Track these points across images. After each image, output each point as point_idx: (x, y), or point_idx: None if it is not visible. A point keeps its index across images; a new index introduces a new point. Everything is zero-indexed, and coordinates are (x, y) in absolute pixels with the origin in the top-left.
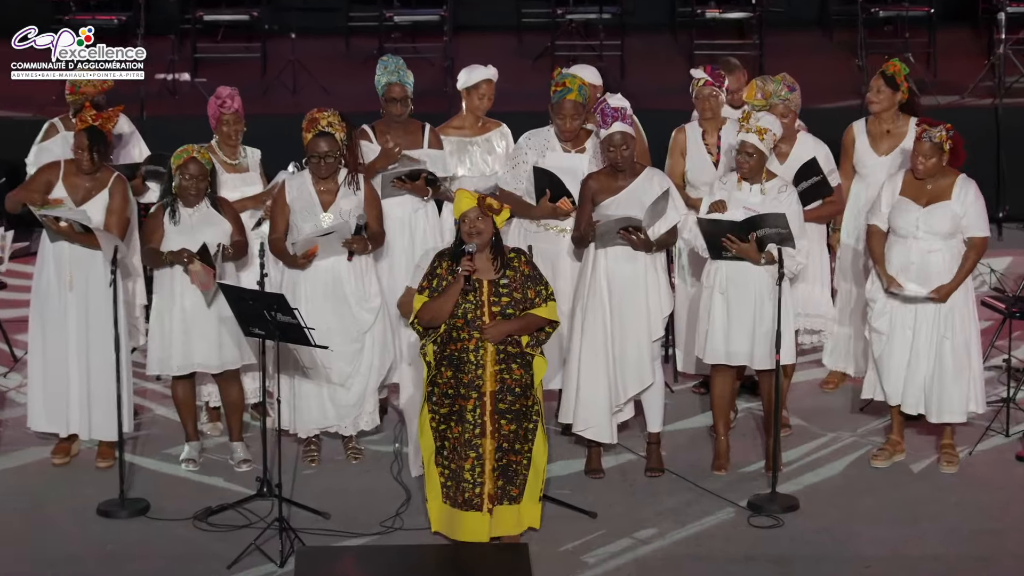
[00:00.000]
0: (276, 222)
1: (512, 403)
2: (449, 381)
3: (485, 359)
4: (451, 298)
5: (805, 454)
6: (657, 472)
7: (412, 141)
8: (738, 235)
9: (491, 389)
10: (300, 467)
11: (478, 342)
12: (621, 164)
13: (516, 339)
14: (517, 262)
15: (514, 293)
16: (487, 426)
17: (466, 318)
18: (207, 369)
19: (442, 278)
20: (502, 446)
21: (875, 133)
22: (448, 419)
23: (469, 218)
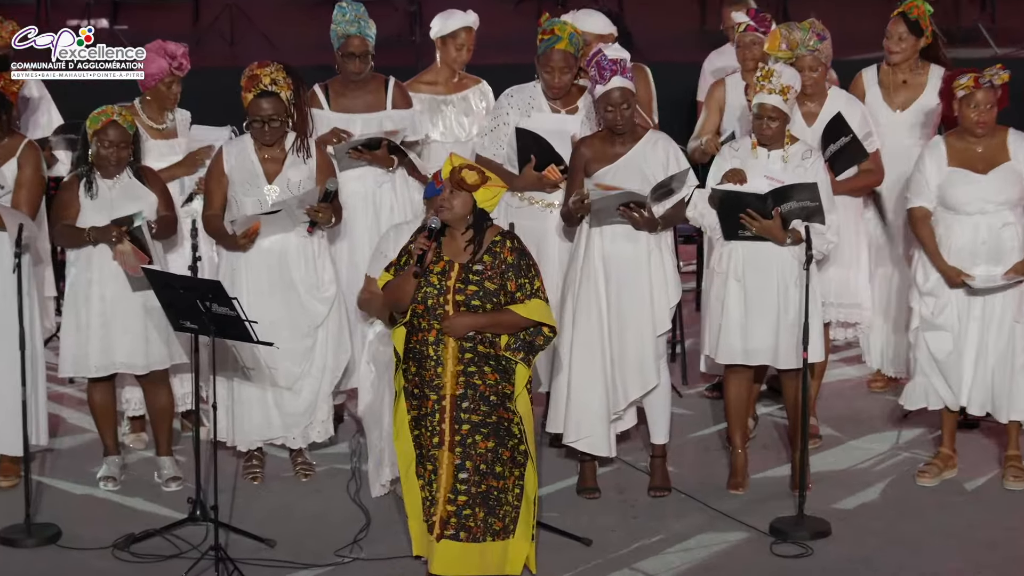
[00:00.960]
0: (211, 196)
1: (487, 414)
2: (414, 379)
3: (445, 355)
4: (406, 279)
5: (837, 470)
6: (662, 491)
7: (373, 101)
8: (759, 210)
9: (451, 392)
10: (240, 486)
11: (439, 334)
12: (620, 126)
13: (490, 338)
14: (500, 247)
15: (486, 283)
16: (445, 435)
17: (426, 304)
18: (130, 370)
19: (411, 255)
20: (479, 468)
21: (889, 84)
22: (420, 423)
23: (445, 188)
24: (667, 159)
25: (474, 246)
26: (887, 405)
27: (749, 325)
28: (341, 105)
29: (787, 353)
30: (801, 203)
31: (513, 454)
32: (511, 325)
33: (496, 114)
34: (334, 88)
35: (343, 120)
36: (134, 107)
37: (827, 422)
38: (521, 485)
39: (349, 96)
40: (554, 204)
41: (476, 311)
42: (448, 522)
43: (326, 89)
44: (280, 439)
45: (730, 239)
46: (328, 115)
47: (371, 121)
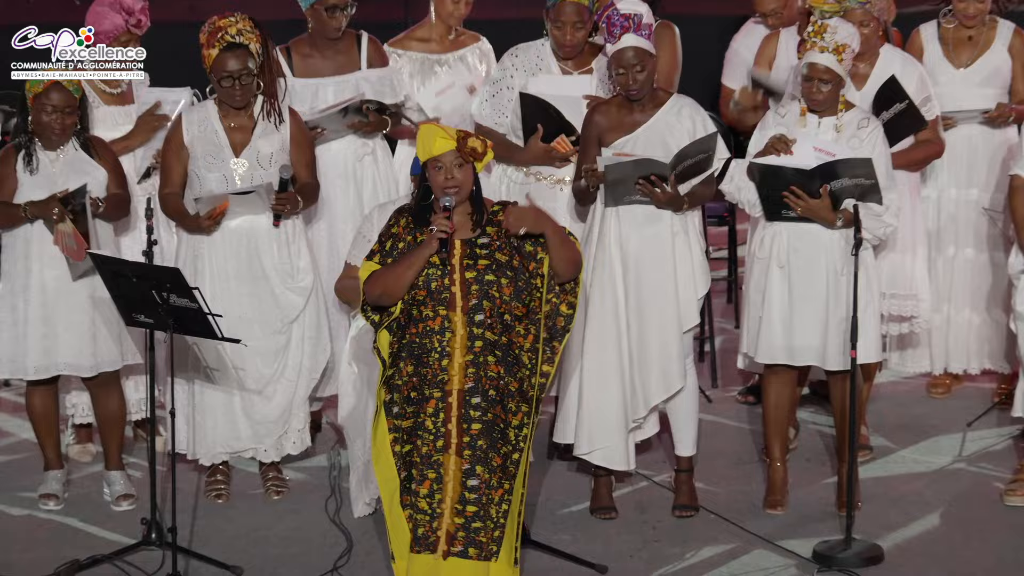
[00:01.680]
0: (169, 171)
1: (484, 410)
2: (410, 380)
3: (453, 345)
4: (414, 265)
5: (891, 486)
6: (689, 511)
7: (345, 62)
8: (807, 187)
9: (459, 387)
10: (202, 505)
11: (444, 321)
12: (635, 91)
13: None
14: (502, 215)
15: (497, 254)
16: (451, 437)
17: (430, 288)
18: (76, 372)
19: (398, 238)
20: (475, 471)
21: (951, 39)
22: (413, 435)
23: (445, 164)
24: (694, 128)
25: (475, 218)
26: (948, 411)
27: (794, 319)
28: (308, 69)
29: (837, 352)
30: (855, 180)
31: (505, 462)
32: (564, 246)
33: (498, 76)
34: (298, 50)
35: (311, 87)
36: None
37: (879, 431)
38: (509, 500)
39: (317, 57)
40: (564, 180)
41: (491, 286)
42: (456, 537)
43: (288, 53)
44: (249, 451)
45: (772, 220)
46: (292, 82)
47: (345, 85)
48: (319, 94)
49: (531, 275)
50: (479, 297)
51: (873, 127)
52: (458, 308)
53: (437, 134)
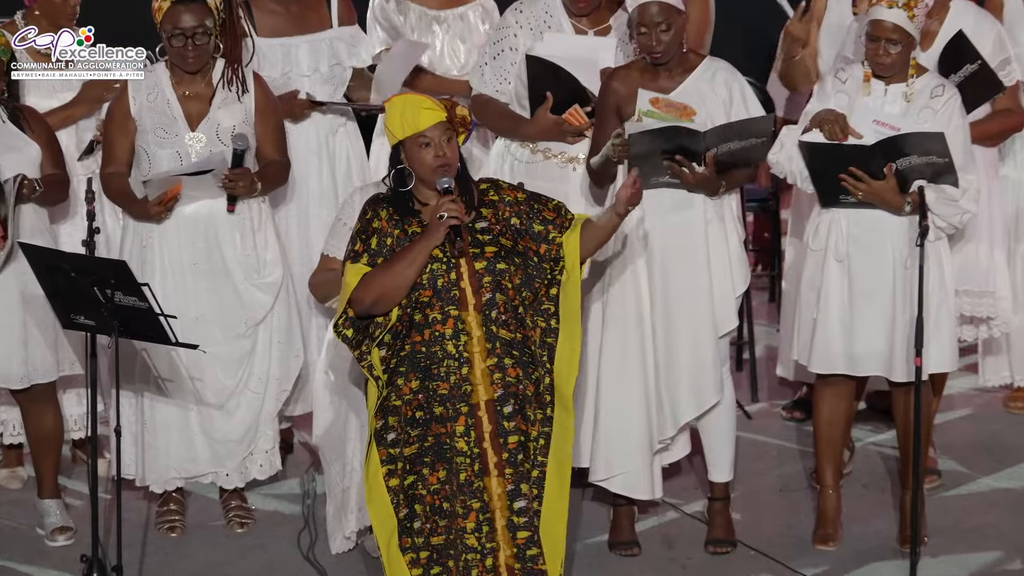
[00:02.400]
0: (113, 147)
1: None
2: (415, 398)
3: (471, 349)
4: (417, 261)
5: (962, 518)
6: (725, 546)
7: (314, 19)
8: (867, 167)
9: (487, 397)
10: (153, 540)
11: (457, 323)
12: (660, 54)
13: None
14: (495, 193)
15: (501, 239)
16: (488, 457)
17: (436, 286)
18: (3, 383)
19: (384, 233)
20: (520, 490)
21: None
22: (418, 464)
23: (434, 139)
24: (729, 96)
25: (466, 200)
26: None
27: (855, 322)
28: (271, 27)
29: (905, 360)
30: (925, 158)
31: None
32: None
33: (500, 36)
34: (259, 5)
35: (280, 48)
36: (14, 24)
37: (949, 453)
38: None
39: (282, 14)
40: (578, 159)
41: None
42: (514, 570)
43: (248, 8)
44: (208, 476)
45: (829, 206)
46: (258, 43)
47: (318, 45)
48: (291, 55)
49: (541, 259)
50: (492, 290)
51: (949, 95)
52: (471, 306)
53: (421, 104)
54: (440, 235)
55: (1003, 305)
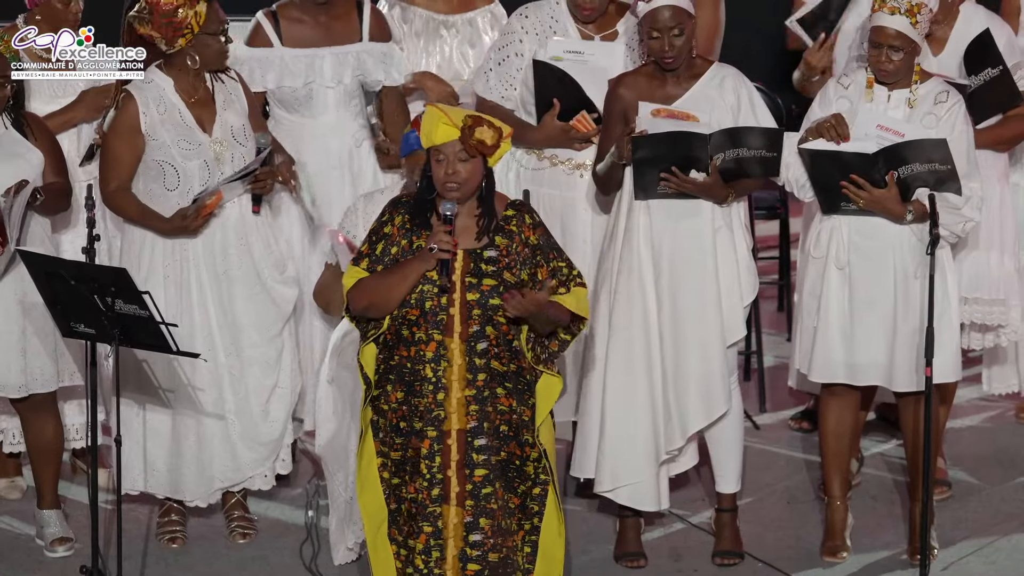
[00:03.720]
0: (118, 163)
1: (494, 450)
2: (400, 408)
3: (449, 377)
4: (408, 279)
5: (973, 530)
6: (732, 557)
7: (342, 31)
8: (869, 175)
9: (458, 426)
10: (154, 550)
11: (439, 348)
12: (671, 59)
13: (509, 349)
14: (517, 224)
15: (505, 273)
16: (451, 485)
17: (423, 307)
18: (2, 392)
19: (391, 241)
20: (498, 525)
21: None
22: (401, 470)
23: (447, 156)
24: (738, 102)
25: (484, 224)
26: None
27: (856, 331)
28: (297, 38)
29: (907, 370)
30: (927, 165)
31: (524, 501)
32: (554, 322)
33: (505, 42)
34: (286, 15)
35: (305, 59)
36: (15, 28)
37: (959, 464)
38: (534, 542)
39: (309, 23)
40: (585, 165)
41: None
42: None
43: (275, 18)
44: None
45: (830, 213)
46: (281, 53)
47: (343, 58)
48: (315, 66)
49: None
50: (481, 323)
51: (953, 102)
52: (455, 335)
53: (440, 119)
54: (429, 262)
55: (1013, 314)
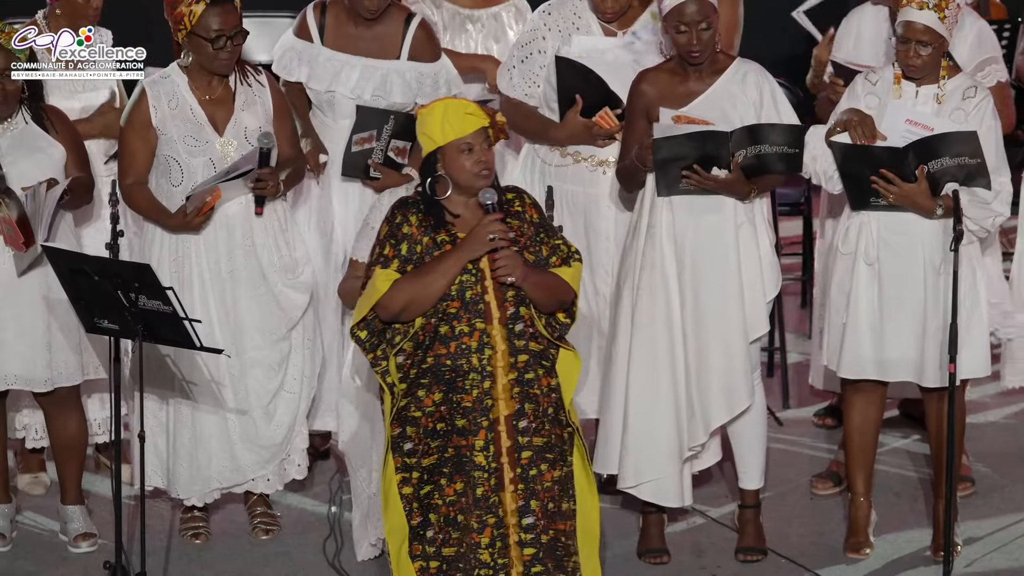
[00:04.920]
0: (133, 157)
1: (535, 433)
2: (437, 410)
3: (495, 364)
4: (449, 272)
5: (998, 526)
6: (755, 554)
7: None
8: (899, 170)
9: (506, 412)
10: (176, 546)
11: (482, 336)
12: (695, 54)
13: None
14: (520, 205)
15: (526, 253)
16: (504, 473)
17: (463, 298)
18: (27, 387)
19: (414, 239)
20: (546, 507)
21: None
22: (436, 474)
23: (476, 146)
24: (760, 98)
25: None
26: None
27: (886, 327)
28: (340, 41)
29: (937, 366)
30: (957, 159)
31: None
32: (551, 291)
33: (528, 39)
34: (335, 14)
35: (334, 65)
36: (35, 24)
37: (983, 460)
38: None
39: (352, 28)
40: (608, 162)
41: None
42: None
43: (323, 12)
44: (248, 483)
45: (859, 208)
46: (317, 52)
47: (371, 72)
48: (342, 75)
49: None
50: (515, 304)
51: (981, 97)
52: (495, 320)
53: (465, 109)
54: (479, 251)
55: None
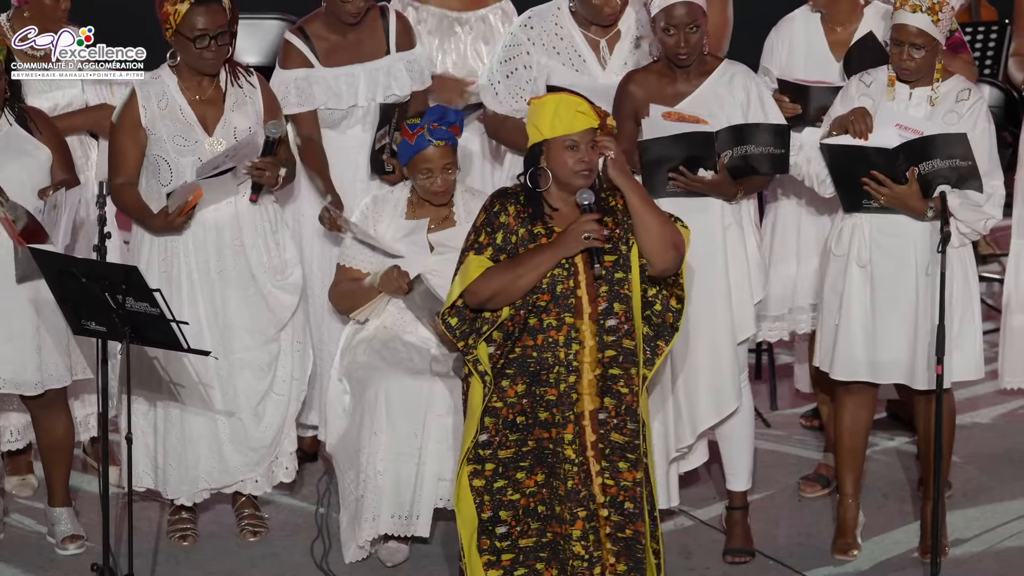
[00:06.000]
0: (122, 157)
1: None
2: (519, 402)
3: (581, 359)
4: (542, 266)
5: (986, 528)
6: (743, 555)
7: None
8: (890, 171)
9: (591, 407)
10: (164, 548)
11: (571, 331)
12: (684, 56)
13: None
14: (614, 200)
15: (621, 246)
16: (591, 466)
17: (554, 292)
18: (17, 390)
19: (510, 230)
20: (623, 507)
21: None
22: (512, 467)
23: (582, 144)
24: (747, 99)
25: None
26: None
27: (878, 329)
28: (333, 56)
29: (929, 368)
30: (948, 161)
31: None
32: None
33: (512, 54)
34: (316, 32)
35: (345, 78)
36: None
37: (971, 462)
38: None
39: (337, 39)
40: None
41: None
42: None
43: (304, 35)
44: (236, 484)
45: (851, 211)
46: (323, 74)
47: (376, 75)
48: (353, 87)
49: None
50: (609, 300)
51: (975, 100)
52: (586, 315)
53: (575, 106)
54: (574, 250)
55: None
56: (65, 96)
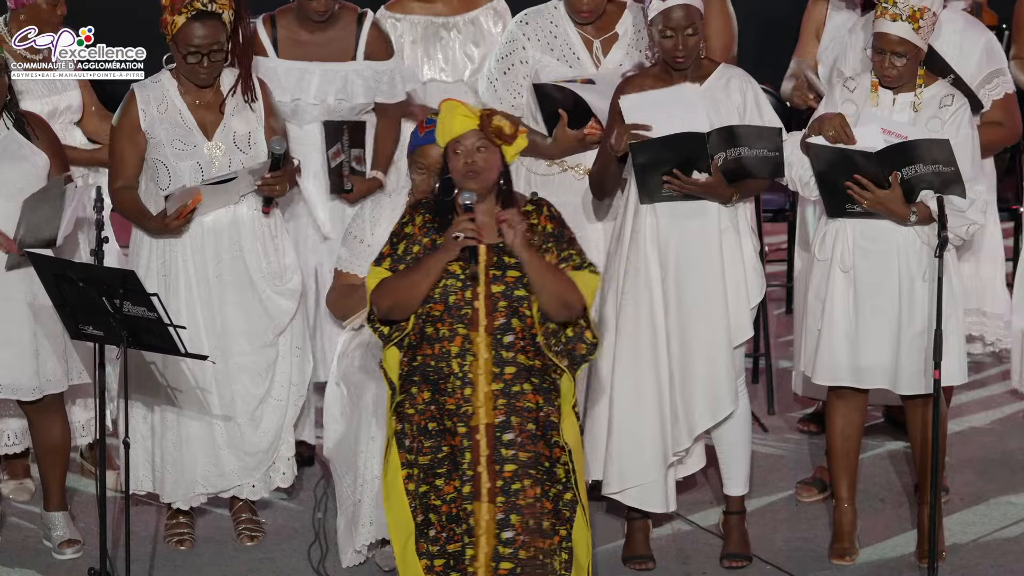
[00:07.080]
0: (122, 161)
1: (520, 447)
2: (427, 409)
3: (476, 371)
4: (431, 273)
5: (983, 532)
6: (741, 560)
7: (339, 46)
8: (873, 176)
9: (486, 421)
10: (161, 553)
11: (464, 342)
12: (681, 59)
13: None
14: (536, 217)
15: None
16: (481, 482)
17: (447, 302)
18: (15, 396)
19: (413, 240)
20: (527, 523)
21: None
22: (432, 473)
23: (465, 147)
24: (744, 103)
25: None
26: None
27: (860, 334)
28: (293, 50)
29: (912, 373)
30: (932, 166)
31: (556, 505)
32: (555, 283)
33: (508, 51)
34: (285, 24)
35: (295, 72)
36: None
37: (968, 467)
38: (569, 548)
39: (305, 36)
40: None
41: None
42: None
43: (273, 25)
44: (233, 489)
45: (835, 216)
46: (275, 65)
47: (332, 76)
48: (303, 82)
49: None
50: (507, 315)
51: (958, 106)
52: (481, 328)
53: (457, 111)
54: (453, 252)
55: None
56: (64, 100)
